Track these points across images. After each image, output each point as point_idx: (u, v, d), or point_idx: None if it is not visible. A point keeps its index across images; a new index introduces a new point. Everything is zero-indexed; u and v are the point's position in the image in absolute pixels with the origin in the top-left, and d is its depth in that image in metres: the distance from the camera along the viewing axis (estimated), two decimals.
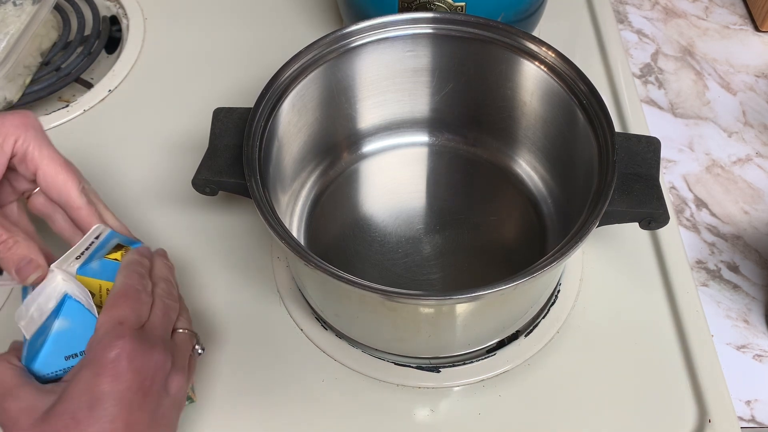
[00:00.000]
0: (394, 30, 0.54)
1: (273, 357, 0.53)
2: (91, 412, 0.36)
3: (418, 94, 0.59)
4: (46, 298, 0.41)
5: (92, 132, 0.66)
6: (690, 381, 0.51)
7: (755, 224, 0.63)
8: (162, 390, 0.39)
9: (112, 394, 0.37)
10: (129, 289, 0.41)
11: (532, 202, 0.58)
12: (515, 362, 0.52)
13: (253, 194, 0.45)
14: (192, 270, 0.57)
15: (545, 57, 0.52)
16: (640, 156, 0.48)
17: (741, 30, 0.79)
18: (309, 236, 0.57)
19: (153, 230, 0.59)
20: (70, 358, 0.40)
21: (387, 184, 0.60)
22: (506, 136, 0.59)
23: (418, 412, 0.50)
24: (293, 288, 0.55)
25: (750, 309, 0.58)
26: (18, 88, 0.67)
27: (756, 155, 0.68)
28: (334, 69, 0.54)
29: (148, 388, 0.38)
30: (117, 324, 0.39)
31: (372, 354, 0.52)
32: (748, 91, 0.73)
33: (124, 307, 0.40)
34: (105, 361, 0.37)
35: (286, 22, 0.75)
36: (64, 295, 0.41)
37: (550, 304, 0.55)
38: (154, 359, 0.39)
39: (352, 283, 0.41)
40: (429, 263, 0.55)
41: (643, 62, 0.76)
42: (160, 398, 0.39)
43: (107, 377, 0.37)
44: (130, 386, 0.37)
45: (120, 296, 0.41)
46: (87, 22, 0.74)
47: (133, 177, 0.63)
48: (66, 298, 0.41)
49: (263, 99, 0.50)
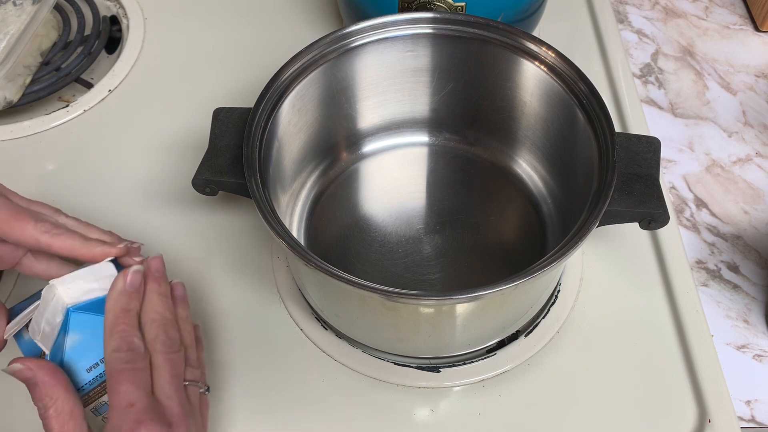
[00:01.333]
0: (394, 30, 0.54)
1: (273, 357, 0.53)
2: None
3: (418, 94, 0.59)
4: (53, 313, 0.41)
5: (92, 132, 0.66)
6: (690, 381, 0.51)
7: (755, 224, 0.63)
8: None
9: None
10: (120, 363, 0.38)
11: (532, 202, 0.58)
12: (515, 362, 0.52)
13: (253, 194, 0.45)
14: (192, 270, 0.57)
15: (545, 57, 0.52)
16: (640, 156, 0.48)
17: (741, 30, 0.79)
18: (309, 236, 0.57)
19: (153, 230, 0.59)
20: (92, 369, 0.40)
21: (387, 184, 0.60)
22: (506, 136, 0.59)
23: (418, 412, 0.50)
24: (293, 288, 0.55)
25: (750, 309, 0.58)
26: (18, 88, 0.67)
27: (756, 155, 0.68)
28: (334, 69, 0.54)
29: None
30: (128, 407, 0.37)
31: (372, 354, 0.52)
32: (748, 91, 0.73)
33: (125, 384, 0.38)
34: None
35: (286, 22, 0.75)
36: (66, 310, 0.40)
37: (550, 304, 0.55)
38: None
39: (352, 283, 0.41)
40: (429, 263, 0.55)
41: (643, 62, 0.76)
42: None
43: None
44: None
45: (115, 374, 0.38)
46: (87, 22, 0.74)
47: (133, 177, 0.63)
48: (69, 312, 0.40)
49: (263, 99, 0.50)
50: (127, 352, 0.39)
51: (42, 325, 0.41)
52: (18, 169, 0.64)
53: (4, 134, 0.65)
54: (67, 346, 0.40)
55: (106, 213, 0.60)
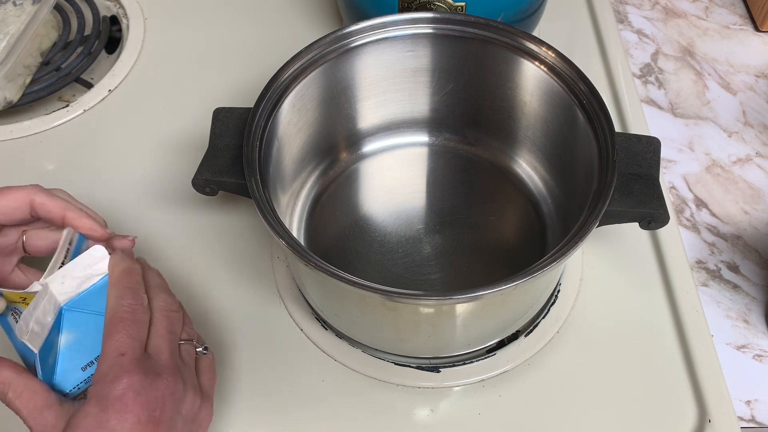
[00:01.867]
0: (394, 30, 0.54)
1: (273, 357, 0.53)
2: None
3: (418, 94, 0.59)
4: (43, 312, 0.40)
5: (92, 132, 0.66)
6: (690, 381, 0.51)
7: (755, 224, 0.63)
8: (175, 414, 0.38)
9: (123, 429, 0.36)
10: (123, 311, 0.39)
11: (532, 202, 0.58)
12: (515, 362, 0.52)
13: (253, 194, 0.45)
14: (191, 270, 0.57)
15: (545, 57, 0.52)
16: (640, 156, 0.48)
17: (741, 30, 0.79)
18: (309, 236, 0.57)
19: (153, 230, 0.59)
20: (87, 368, 0.40)
21: (387, 184, 0.60)
22: (506, 136, 0.59)
23: (418, 412, 0.50)
24: (293, 288, 0.55)
25: (750, 309, 0.58)
26: (18, 88, 0.67)
27: (756, 155, 0.68)
28: (334, 69, 0.54)
29: (159, 418, 0.37)
30: (118, 356, 0.38)
31: (372, 354, 0.52)
32: (748, 91, 0.73)
33: (122, 334, 0.38)
34: (111, 398, 0.36)
35: (286, 22, 0.75)
36: (60, 308, 0.40)
37: (550, 304, 0.55)
38: (162, 388, 0.38)
39: (352, 283, 0.41)
40: (429, 263, 0.55)
41: (643, 62, 0.76)
42: (174, 423, 0.38)
43: (114, 414, 0.36)
44: (138, 419, 0.36)
45: (115, 322, 0.39)
46: (87, 22, 0.74)
47: (133, 177, 0.63)
48: (63, 311, 0.40)
49: (263, 99, 0.50)
50: (132, 300, 0.40)
51: (31, 325, 0.40)
52: (18, 169, 0.64)
53: (4, 134, 0.65)
54: (61, 345, 0.40)
55: (106, 213, 0.60)
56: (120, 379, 0.37)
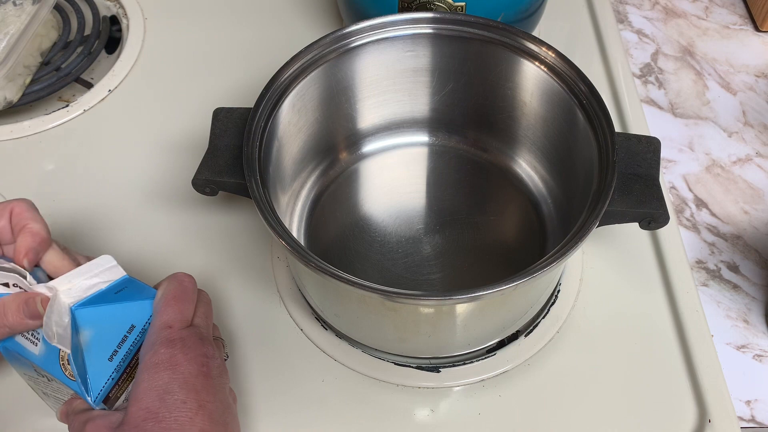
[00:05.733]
0: (394, 30, 0.54)
1: (273, 357, 0.53)
2: (163, 402, 0.38)
3: (418, 94, 0.59)
4: (59, 314, 0.41)
5: (92, 132, 0.66)
6: (690, 381, 0.51)
7: (755, 224, 0.63)
8: (219, 377, 0.41)
9: (176, 381, 0.39)
10: (177, 291, 0.43)
11: (532, 202, 0.58)
12: (515, 362, 0.52)
13: (253, 194, 0.45)
14: (191, 270, 0.57)
15: (545, 57, 0.52)
16: (640, 156, 0.48)
17: (741, 30, 0.79)
18: (309, 236, 0.57)
19: (153, 230, 0.59)
20: (113, 357, 0.41)
21: (387, 184, 0.60)
22: (506, 136, 0.59)
23: (418, 412, 0.50)
24: (293, 288, 0.55)
25: (750, 309, 0.58)
26: (18, 88, 0.67)
27: (756, 155, 0.68)
28: (334, 69, 0.54)
29: (207, 372, 0.40)
30: (166, 328, 0.41)
31: (372, 354, 0.52)
32: (748, 91, 0.73)
33: (174, 309, 0.42)
34: (161, 359, 0.39)
35: (286, 22, 0.75)
36: (70, 309, 0.41)
37: (550, 304, 0.55)
38: (205, 350, 0.41)
39: (352, 284, 0.41)
40: (429, 263, 0.55)
41: (643, 62, 0.76)
42: (222, 385, 0.41)
43: (167, 371, 0.39)
44: (190, 371, 0.39)
45: (170, 299, 0.42)
46: (87, 22, 0.74)
47: (133, 177, 0.63)
48: (73, 311, 0.41)
49: (263, 99, 0.50)
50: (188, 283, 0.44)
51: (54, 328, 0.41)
52: (18, 169, 0.64)
53: (4, 134, 0.65)
54: (82, 344, 0.41)
55: (106, 213, 0.60)
56: (167, 344, 0.40)
